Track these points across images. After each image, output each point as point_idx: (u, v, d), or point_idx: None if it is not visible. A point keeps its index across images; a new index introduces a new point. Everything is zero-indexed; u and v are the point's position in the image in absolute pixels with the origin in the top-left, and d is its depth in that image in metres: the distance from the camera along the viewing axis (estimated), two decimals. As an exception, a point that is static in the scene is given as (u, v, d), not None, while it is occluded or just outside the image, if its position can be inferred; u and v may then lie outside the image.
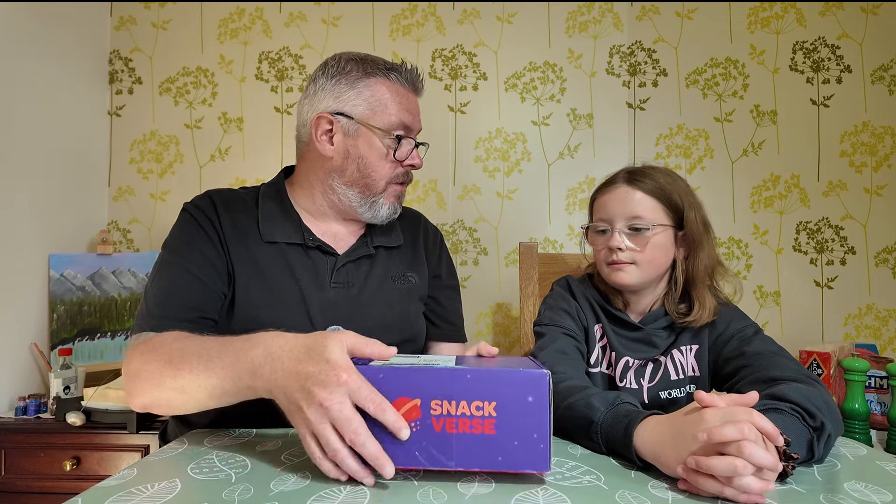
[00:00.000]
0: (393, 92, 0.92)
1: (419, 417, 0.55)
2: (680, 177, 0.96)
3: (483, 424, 0.55)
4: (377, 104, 0.91)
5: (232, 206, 0.93)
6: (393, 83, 0.93)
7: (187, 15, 1.97)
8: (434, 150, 1.91)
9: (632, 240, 0.91)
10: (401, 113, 0.92)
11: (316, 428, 0.54)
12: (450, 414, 0.55)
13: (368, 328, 0.92)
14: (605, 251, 0.94)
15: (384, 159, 0.93)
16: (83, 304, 1.73)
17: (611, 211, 0.94)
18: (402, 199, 1.00)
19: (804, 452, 0.63)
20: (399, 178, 0.96)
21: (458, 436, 0.55)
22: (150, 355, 0.73)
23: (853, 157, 1.84)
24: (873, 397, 1.24)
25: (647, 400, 0.93)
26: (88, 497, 0.53)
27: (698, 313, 0.91)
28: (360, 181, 0.93)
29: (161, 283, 0.85)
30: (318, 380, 0.54)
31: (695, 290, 0.93)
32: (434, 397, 0.55)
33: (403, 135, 0.93)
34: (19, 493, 1.44)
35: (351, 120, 0.91)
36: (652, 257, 0.91)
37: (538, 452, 0.55)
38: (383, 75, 0.92)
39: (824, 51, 1.86)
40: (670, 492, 0.56)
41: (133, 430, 1.42)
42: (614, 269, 0.93)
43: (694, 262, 0.93)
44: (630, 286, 0.94)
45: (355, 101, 0.91)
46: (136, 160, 1.97)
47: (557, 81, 1.92)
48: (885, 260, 1.82)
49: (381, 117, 0.91)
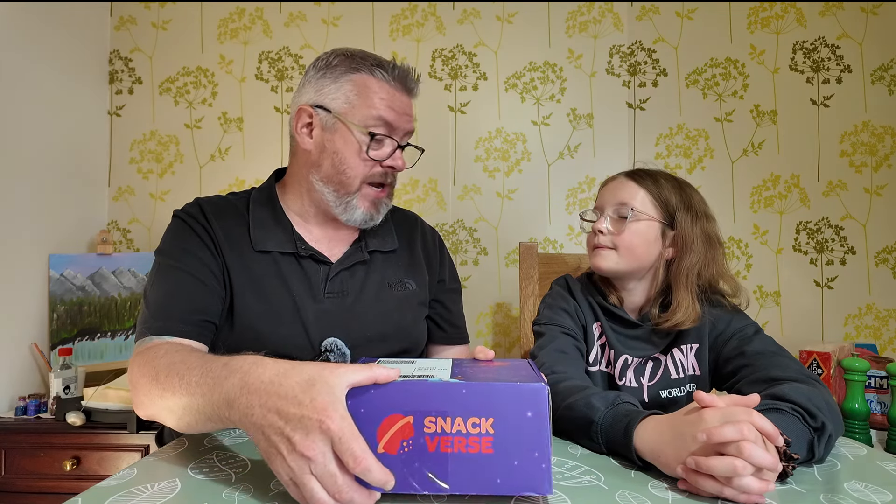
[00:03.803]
0: (376, 88, 0.89)
1: (412, 436, 0.52)
2: (689, 184, 0.98)
3: (480, 443, 0.51)
4: (356, 99, 0.88)
5: (222, 214, 0.91)
6: (378, 80, 0.89)
7: (187, 15, 1.97)
8: (434, 150, 1.91)
9: (615, 225, 0.94)
10: (382, 110, 0.88)
11: (298, 479, 0.48)
12: (444, 432, 0.52)
13: (366, 338, 0.91)
14: (591, 235, 0.97)
15: (358, 156, 0.89)
16: (83, 304, 1.73)
17: (603, 199, 0.97)
18: (381, 207, 0.95)
19: (804, 453, 0.63)
20: (376, 178, 0.91)
21: (454, 455, 0.51)
22: (144, 368, 0.71)
23: (853, 157, 1.84)
24: (873, 397, 1.24)
25: (647, 399, 0.93)
26: (88, 497, 0.53)
27: (672, 314, 0.91)
28: (334, 178, 0.90)
29: (161, 288, 0.83)
30: (300, 425, 0.48)
31: (674, 292, 0.93)
32: (428, 414, 0.52)
33: (384, 133, 0.89)
34: (19, 493, 1.44)
35: (329, 113, 0.89)
36: (630, 244, 0.92)
37: (539, 473, 0.51)
38: (368, 71, 0.89)
39: (824, 51, 1.86)
40: (670, 492, 0.56)
41: (133, 430, 1.42)
42: (596, 253, 0.95)
43: (678, 265, 0.93)
44: (607, 271, 0.95)
45: (335, 94, 0.89)
46: (136, 160, 1.97)
47: (557, 81, 1.92)
48: (885, 260, 1.82)
49: (359, 112, 0.88)
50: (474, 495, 0.54)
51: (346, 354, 0.90)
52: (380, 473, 0.48)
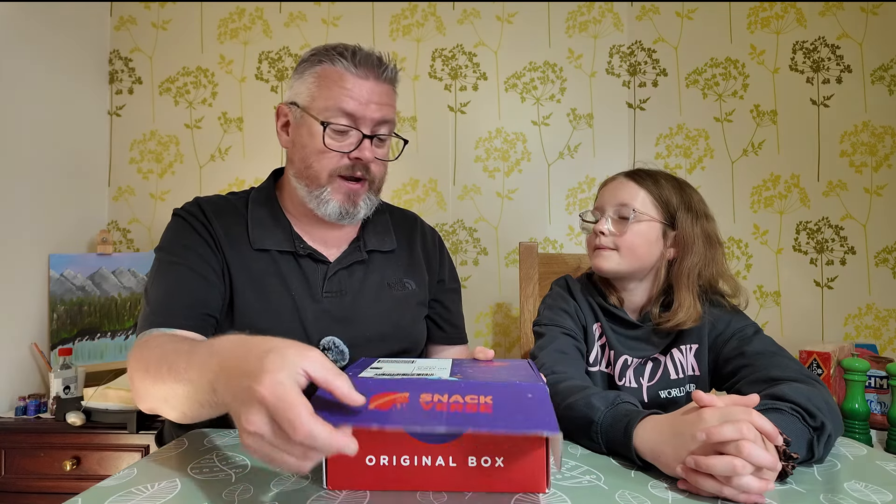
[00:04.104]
0: (336, 78, 0.86)
1: (405, 403, 0.50)
2: (689, 184, 0.98)
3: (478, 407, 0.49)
4: (316, 90, 0.87)
5: (222, 213, 0.91)
6: (339, 69, 0.86)
7: (187, 15, 1.97)
8: (434, 150, 1.91)
9: (616, 226, 0.94)
10: (341, 99, 0.85)
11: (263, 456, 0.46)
12: (440, 402, 0.50)
13: (365, 338, 0.91)
14: (592, 236, 0.97)
15: (322, 148, 0.87)
16: (83, 304, 1.73)
17: (603, 199, 0.97)
18: (360, 201, 0.90)
19: (804, 452, 0.63)
20: (344, 170, 0.88)
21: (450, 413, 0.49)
22: (139, 361, 0.71)
23: (853, 157, 1.84)
24: (873, 397, 1.24)
25: (646, 399, 0.93)
26: (88, 497, 0.53)
27: (674, 314, 0.91)
28: (304, 172, 0.89)
29: (162, 283, 0.84)
30: (244, 398, 0.46)
31: (676, 292, 0.93)
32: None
33: (346, 124, 0.86)
34: (19, 493, 1.44)
35: (298, 108, 0.89)
36: (632, 244, 0.92)
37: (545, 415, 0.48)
38: (329, 61, 0.87)
39: (824, 51, 1.86)
40: (670, 492, 0.56)
41: (133, 430, 1.42)
42: (597, 254, 0.95)
43: (680, 265, 0.93)
44: (609, 272, 0.95)
45: (300, 88, 0.89)
46: (136, 160, 1.97)
47: (557, 81, 1.92)
48: (885, 260, 1.82)
49: (319, 103, 0.87)
50: (476, 490, 0.54)
51: (344, 353, 0.90)
52: (328, 439, 0.42)
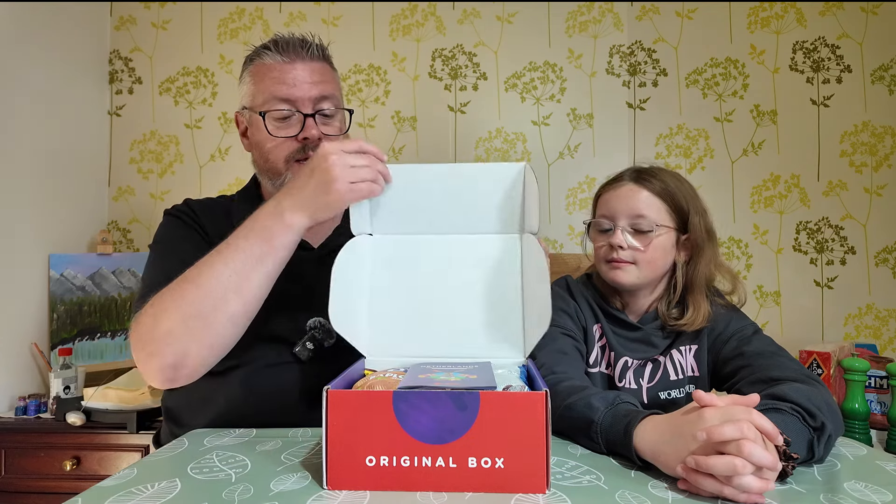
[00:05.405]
0: (265, 70, 0.91)
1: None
2: (687, 181, 0.96)
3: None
4: (253, 87, 0.93)
5: (210, 211, 0.97)
6: (266, 62, 0.92)
7: (187, 15, 1.97)
8: (434, 149, 1.91)
9: (634, 239, 0.91)
10: (273, 88, 0.90)
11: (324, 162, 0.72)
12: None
13: None
14: (606, 248, 0.94)
15: (270, 139, 0.91)
16: (83, 304, 1.73)
17: (615, 208, 0.93)
18: None
19: (804, 452, 0.63)
20: (298, 154, 0.92)
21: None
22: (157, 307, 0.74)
23: (853, 157, 1.84)
24: (873, 397, 1.24)
25: (646, 400, 0.93)
26: (88, 497, 0.53)
27: (691, 318, 0.90)
28: (264, 166, 0.94)
29: (156, 271, 0.86)
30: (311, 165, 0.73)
31: (691, 295, 0.93)
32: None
33: (286, 109, 0.90)
34: (19, 493, 1.44)
35: (246, 110, 0.95)
36: (652, 258, 0.91)
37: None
38: (258, 57, 0.93)
39: (824, 51, 1.86)
40: (670, 491, 0.56)
41: (133, 430, 1.42)
42: (613, 267, 0.92)
43: (695, 268, 0.93)
44: (628, 286, 0.94)
45: (243, 91, 0.96)
46: (136, 160, 1.97)
47: (557, 81, 1.92)
48: (885, 260, 1.82)
49: (258, 99, 0.92)
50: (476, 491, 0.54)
51: (331, 332, 0.91)
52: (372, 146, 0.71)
